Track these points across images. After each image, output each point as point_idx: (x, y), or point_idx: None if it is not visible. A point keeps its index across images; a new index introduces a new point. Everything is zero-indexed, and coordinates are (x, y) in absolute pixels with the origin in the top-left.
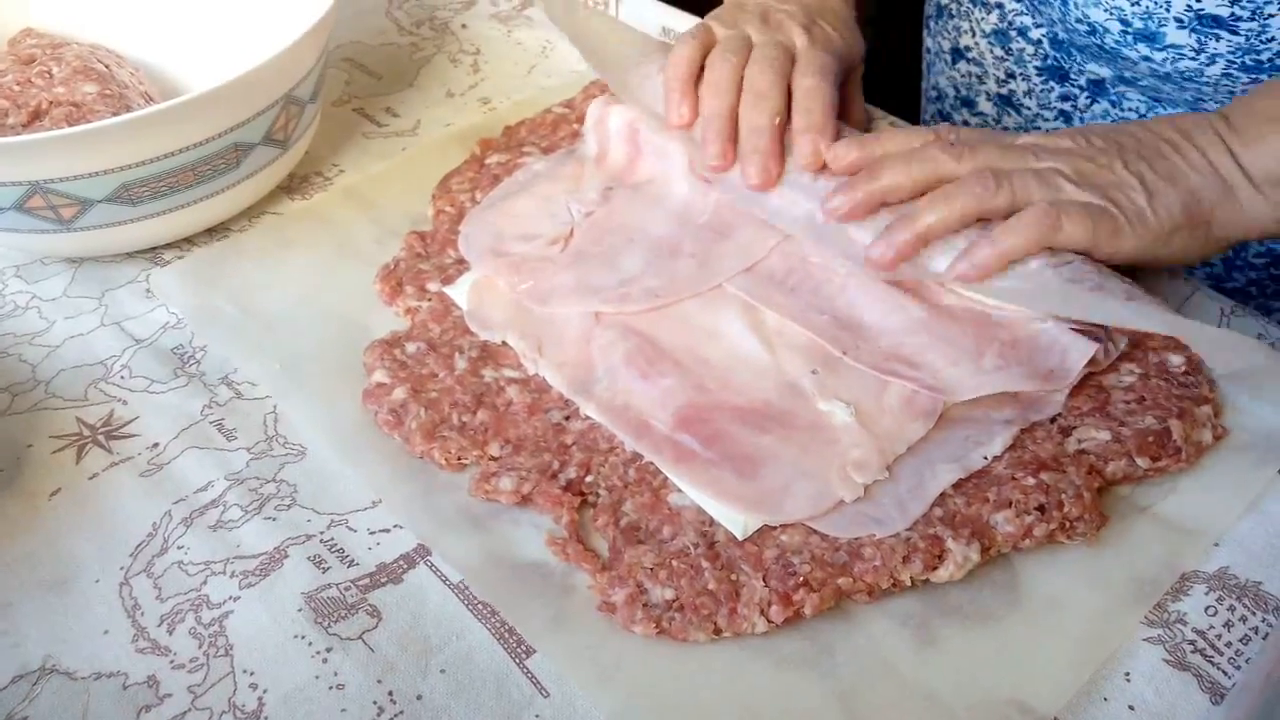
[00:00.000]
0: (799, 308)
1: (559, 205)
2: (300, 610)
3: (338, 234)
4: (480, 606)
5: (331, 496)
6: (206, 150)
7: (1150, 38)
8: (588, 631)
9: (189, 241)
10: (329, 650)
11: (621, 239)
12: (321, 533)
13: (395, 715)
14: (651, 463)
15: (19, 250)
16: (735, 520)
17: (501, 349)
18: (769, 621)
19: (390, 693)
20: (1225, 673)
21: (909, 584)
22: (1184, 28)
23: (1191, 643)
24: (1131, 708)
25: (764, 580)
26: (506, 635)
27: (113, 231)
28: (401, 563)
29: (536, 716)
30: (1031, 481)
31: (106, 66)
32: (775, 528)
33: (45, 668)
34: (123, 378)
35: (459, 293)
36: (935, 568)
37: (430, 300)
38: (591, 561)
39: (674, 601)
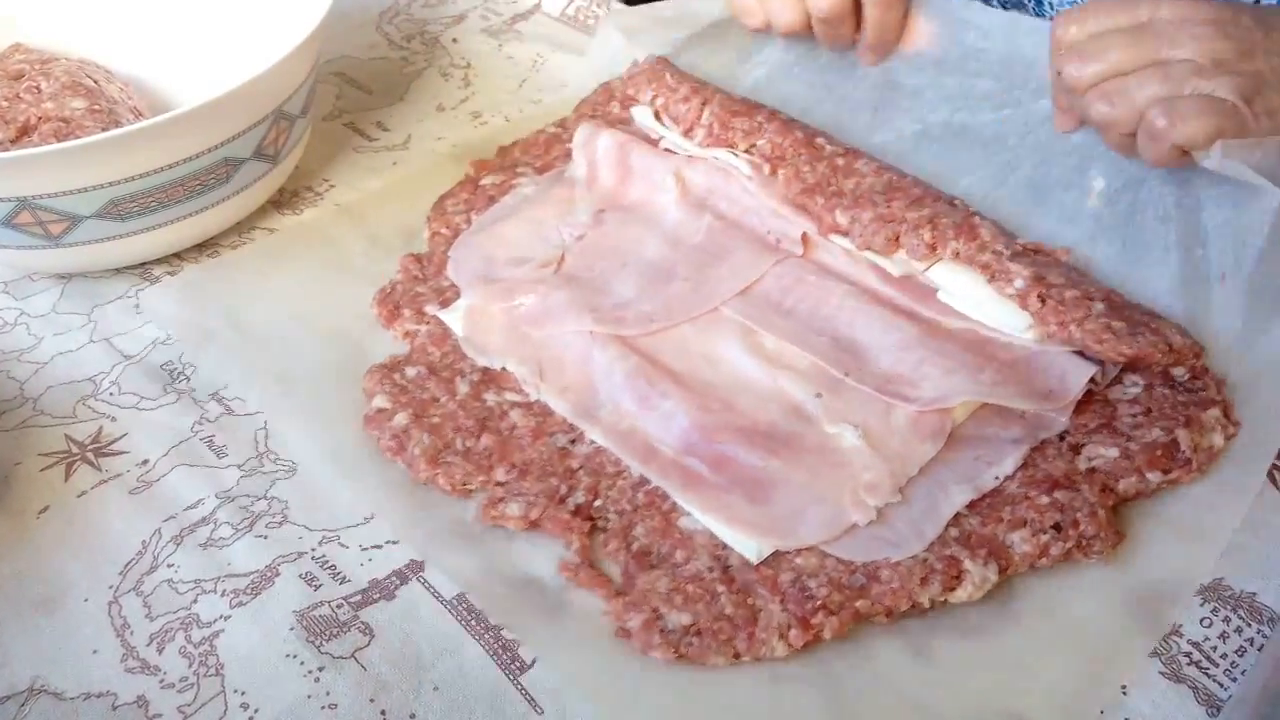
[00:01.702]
0: (797, 329)
1: (550, 229)
2: (292, 629)
3: (331, 251)
4: (474, 623)
5: (323, 513)
6: (196, 165)
7: None
8: (590, 647)
9: (178, 257)
10: (321, 669)
11: (614, 263)
12: (313, 549)
13: None
14: (660, 486)
15: (7, 266)
16: (748, 545)
17: (503, 373)
18: (789, 645)
19: (383, 711)
20: (1221, 684)
21: (927, 606)
22: None
23: (1188, 654)
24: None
25: (781, 604)
26: (500, 651)
27: (102, 247)
28: (394, 579)
29: None
30: (1045, 500)
31: (95, 81)
32: (790, 550)
33: (34, 688)
34: (112, 394)
35: (453, 318)
36: (953, 589)
37: (429, 324)
38: (604, 586)
39: (691, 627)
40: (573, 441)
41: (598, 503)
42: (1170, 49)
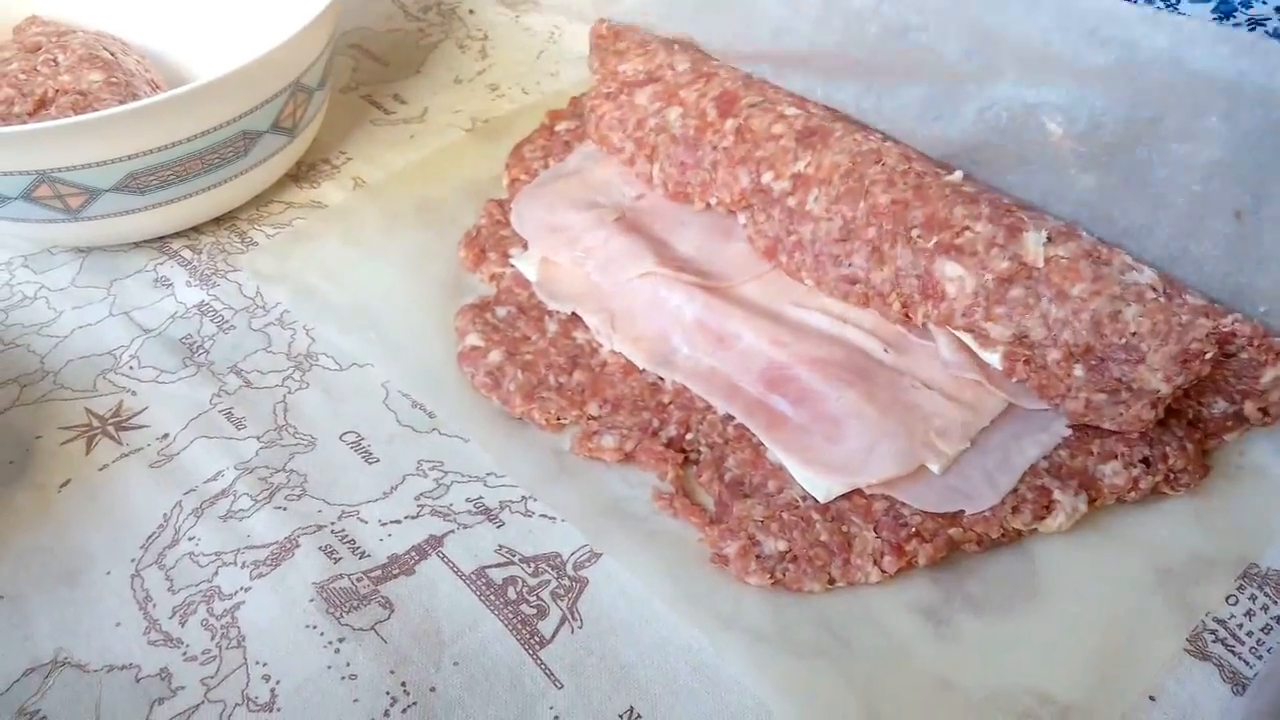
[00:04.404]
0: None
1: (611, 188)
2: (312, 600)
3: (415, 203)
4: (493, 598)
5: (341, 487)
6: (214, 138)
7: None
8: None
9: (197, 230)
10: (341, 641)
11: (673, 221)
12: (332, 523)
13: (408, 706)
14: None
15: (26, 240)
16: (818, 485)
17: None
18: (883, 572)
19: (403, 684)
20: (1247, 662)
21: (1019, 533)
22: None
23: (1213, 632)
24: (1152, 698)
25: (875, 531)
26: (520, 627)
27: (120, 220)
28: (413, 554)
29: (550, 708)
30: (1135, 434)
31: (112, 54)
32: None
33: (57, 660)
34: (131, 368)
35: (527, 265)
36: (1044, 518)
37: (513, 267)
38: (699, 515)
39: (787, 553)
40: (662, 377)
41: (689, 436)
42: None
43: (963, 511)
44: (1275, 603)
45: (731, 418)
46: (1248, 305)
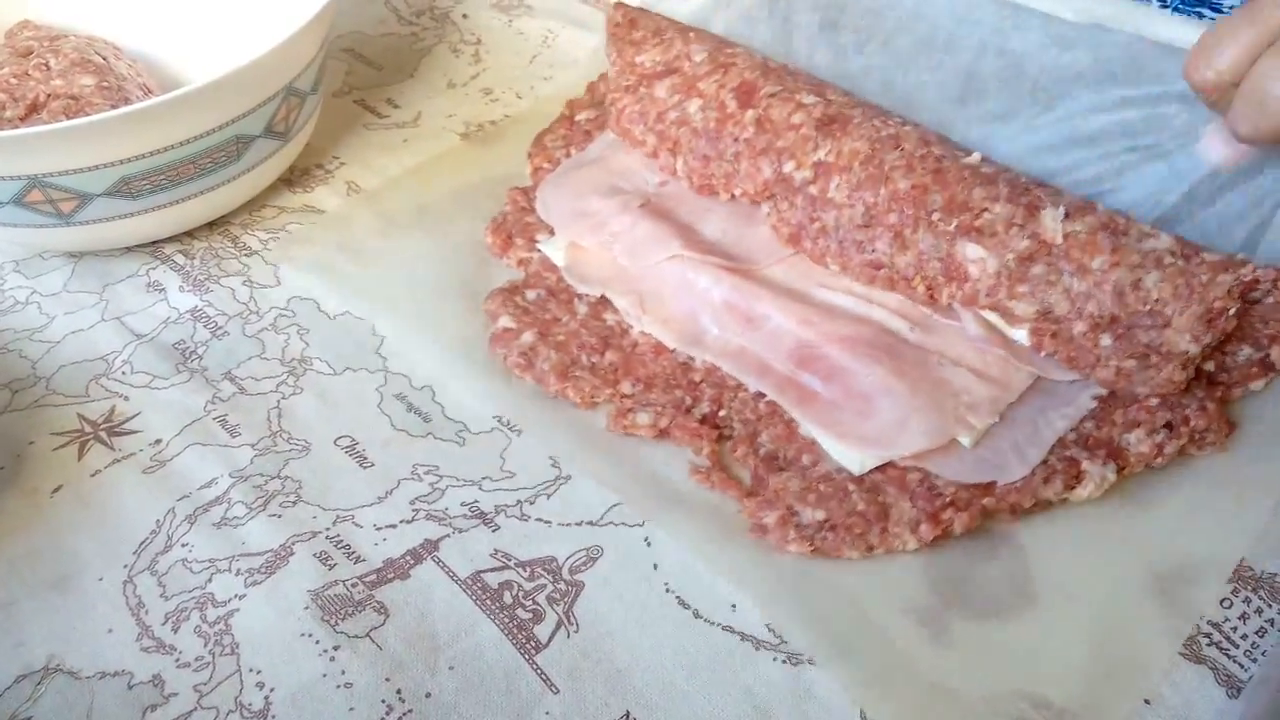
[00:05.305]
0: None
1: (634, 176)
2: (307, 608)
3: (453, 183)
4: (488, 602)
5: (336, 493)
6: (207, 143)
7: None
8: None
9: (190, 235)
10: (336, 648)
11: (698, 206)
12: (327, 529)
13: (404, 714)
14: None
15: (18, 245)
16: (852, 458)
17: None
18: (919, 540)
19: (399, 691)
20: (1242, 665)
21: (1049, 503)
22: (1166, 7)
23: (1208, 635)
24: (1147, 701)
25: (911, 501)
26: (515, 631)
27: (113, 225)
28: (408, 559)
29: (547, 713)
30: (1155, 401)
31: (104, 59)
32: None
33: (49, 667)
34: (124, 373)
35: (554, 250)
36: (1074, 487)
37: (540, 251)
38: (736, 488)
39: (825, 522)
40: (692, 357)
41: (722, 413)
42: None
43: (994, 483)
44: (1269, 606)
45: (763, 395)
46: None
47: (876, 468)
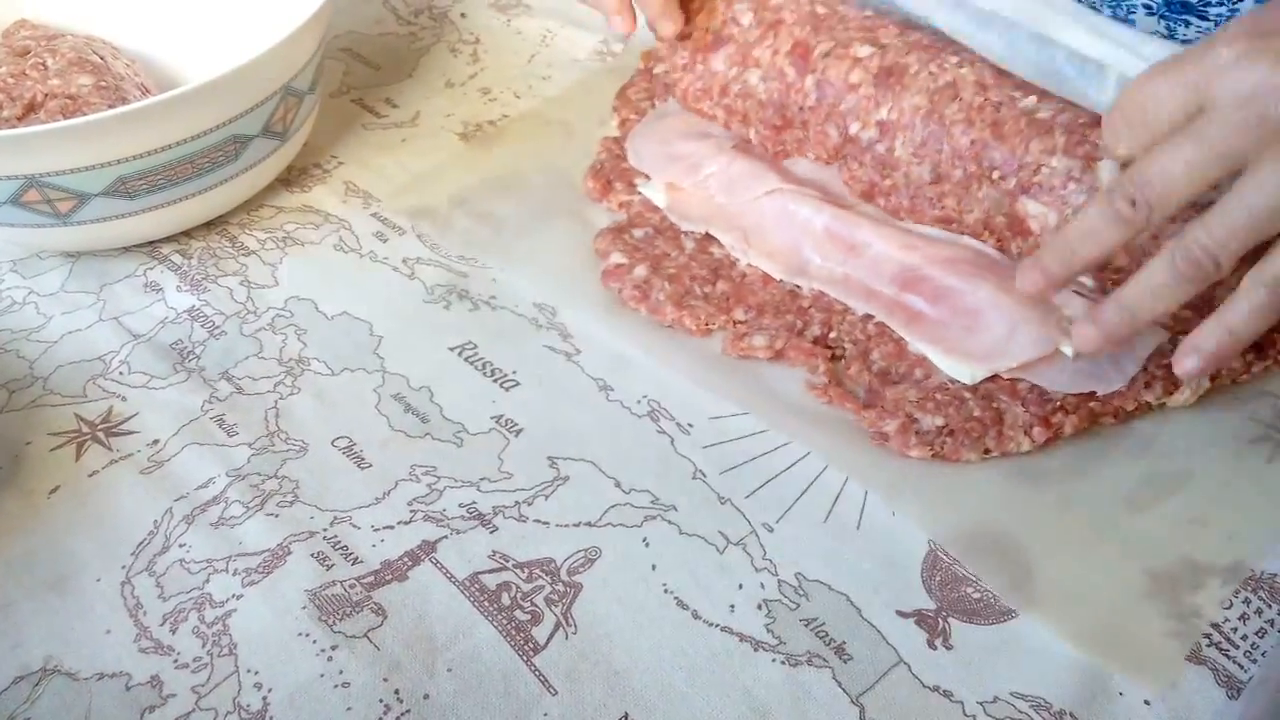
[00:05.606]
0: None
1: (717, 124)
2: (304, 608)
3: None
4: (486, 604)
5: (333, 494)
6: (205, 142)
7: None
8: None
9: (188, 235)
10: (334, 648)
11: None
12: (324, 530)
13: (402, 714)
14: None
15: (15, 245)
16: (963, 371)
17: None
18: (1033, 442)
19: (396, 691)
20: (1242, 666)
21: (1150, 407)
22: (1153, 14)
23: (1207, 636)
24: (1147, 702)
25: (1023, 406)
26: (514, 633)
27: (110, 225)
28: (406, 560)
29: (545, 715)
30: None
31: (102, 58)
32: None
33: (47, 668)
34: (121, 374)
35: (655, 193)
36: (1172, 393)
37: (641, 194)
38: (854, 401)
39: (944, 428)
40: (799, 285)
41: (833, 334)
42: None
43: (1094, 393)
44: (1269, 606)
45: (870, 317)
46: None
47: (986, 379)
